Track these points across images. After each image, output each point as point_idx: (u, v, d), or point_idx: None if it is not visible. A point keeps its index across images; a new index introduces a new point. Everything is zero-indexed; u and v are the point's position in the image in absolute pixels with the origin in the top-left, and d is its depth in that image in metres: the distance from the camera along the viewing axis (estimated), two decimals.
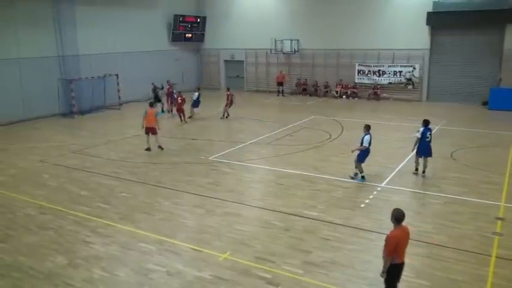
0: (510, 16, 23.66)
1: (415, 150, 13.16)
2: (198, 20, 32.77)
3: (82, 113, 24.01)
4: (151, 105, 16.33)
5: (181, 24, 31.40)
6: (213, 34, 33.33)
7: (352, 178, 12.81)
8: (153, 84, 24.11)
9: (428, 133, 12.99)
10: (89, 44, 24.80)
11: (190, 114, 22.18)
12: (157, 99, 22.87)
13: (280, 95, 30.35)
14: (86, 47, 24.61)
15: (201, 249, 8.82)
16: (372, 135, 12.74)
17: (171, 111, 22.96)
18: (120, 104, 26.18)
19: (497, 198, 11.23)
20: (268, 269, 8.04)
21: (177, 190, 12.22)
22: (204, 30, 33.42)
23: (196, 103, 22.56)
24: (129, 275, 7.95)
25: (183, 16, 31.43)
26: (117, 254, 8.72)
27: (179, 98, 21.16)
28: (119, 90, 26.03)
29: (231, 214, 10.57)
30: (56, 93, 23.47)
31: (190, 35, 32.53)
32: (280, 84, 30.40)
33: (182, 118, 21.30)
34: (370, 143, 12.53)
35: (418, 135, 12.96)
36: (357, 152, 12.68)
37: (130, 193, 12.07)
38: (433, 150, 14.03)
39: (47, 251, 8.89)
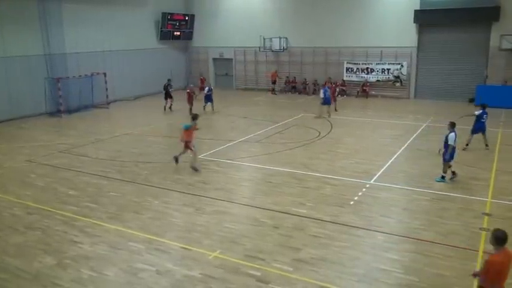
0: (495, 14, 23.92)
1: (471, 129, 15.57)
2: (186, 18, 32.63)
3: (69, 112, 23.79)
4: (192, 117, 14.09)
5: (169, 22, 31.23)
6: (202, 32, 33.22)
7: (443, 177, 12.36)
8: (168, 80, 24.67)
9: (485, 115, 15.31)
10: (76, 42, 24.59)
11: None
12: (168, 95, 23.97)
13: (274, 92, 30.22)
14: (73, 45, 24.40)
15: (191, 247, 8.80)
16: (457, 134, 12.24)
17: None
18: (109, 103, 25.99)
19: (484, 194, 11.37)
20: (258, 266, 8.05)
21: (166, 189, 12.17)
22: (192, 28, 33.30)
23: (327, 100, 21.66)
24: (118, 275, 7.91)
25: (171, 14, 31.26)
26: (105, 253, 8.66)
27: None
28: (107, 89, 25.83)
29: (221, 212, 10.56)
30: (42, 92, 23.21)
31: (178, 33, 32.38)
32: (274, 82, 30.36)
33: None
34: (455, 141, 12.10)
35: (477, 113, 15.43)
36: (443, 151, 12.30)
37: (119, 192, 11.99)
38: (421, 147, 15.89)
39: (35, 251, 8.80)
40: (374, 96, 27.93)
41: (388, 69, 27.50)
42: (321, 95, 21.55)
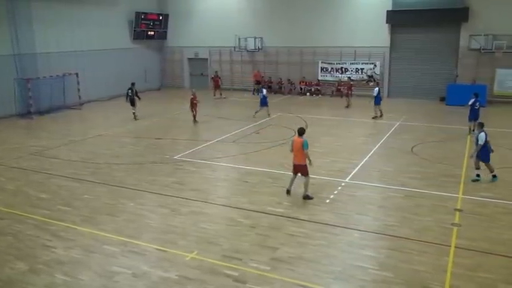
0: (464, 15, 24.55)
1: (468, 117, 17.40)
2: (160, 18, 32.32)
3: (41, 113, 23.26)
4: (300, 132, 11.02)
5: (143, 21, 30.87)
6: (176, 32, 32.96)
7: (475, 180, 12.29)
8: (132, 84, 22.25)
9: (477, 103, 17.23)
10: (47, 41, 24.03)
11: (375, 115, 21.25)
12: (131, 101, 21.75)
13: (256, 93, 30.04)
14: (43, 45, 23.83)
15: (167, 249, 8.71)
16: (488, 135, 12.30)
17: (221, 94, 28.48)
18: (81, 104, 25.51)
19: (456, 191, 11.64)
20: (235, 266, 8.04)
21: (141, 190, 12.02)
22: (166, 28, 32.99)
23: (378, 100, 21.09)
24: (93, 279, 7.76)
25: (145, 13, 30.91)
26: (80, 257, 8.48)
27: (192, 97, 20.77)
28: (79, 90, 25.33)
29: (197, 213, 10.49)
30: (12, 93, 22.57)
31: (152, 33, 32.04)
32: (258, 82, 30.13)
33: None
34: (486, 140, 12.17)
35: (470, 103, 17.26)
36: (475, 153, 12.29)
37: (93, 195, 11.77)
38: (395, 146, 16.20)
39: (6, 257, 8.55)
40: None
41: (362, 69, 27.91)
42: (375, 93, 21.08)
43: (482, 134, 12.21)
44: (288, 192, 11.40)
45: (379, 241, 9.06)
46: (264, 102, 21.56)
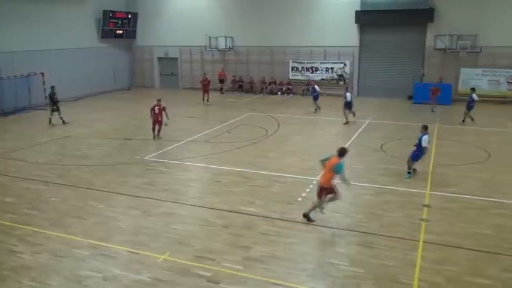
0: (430, 15, 25.21)
1: (466, 107, 19.87)
2: (129, 16, 31.80)
3: (5, 114, 22.52)
4: (340, 153, 9.99)
5: (111, 20, 30.30)
6: (146, 31, 32.50)
7: (409, 173, 12.81)
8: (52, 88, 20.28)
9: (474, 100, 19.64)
10: (10, 40, 23.28)
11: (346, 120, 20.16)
12: (54, 106, 19.93)
13: (221, 92, 30.06)
14: (7, 43, 23.08)
15: (138, 251, 8.59)
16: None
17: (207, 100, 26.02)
18: (47, 104, 24.79)
19: (423, 187, 11.94)
20: (208, 267, 8.00)
21: (111, 192, 11.80)
22: (135, 27, 32.49)
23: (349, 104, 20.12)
24: (61, 284, 7.57)
25: (113, 12, 30.34)
26: (48, 262, 8.26)
27: (156, 107, 17.14)
28: (45, 90, 24.61)
29: (168, 214, 10.39)
30: None
31: (121, 32, 31.49)
32: (221, 81, 30.17)
33: (156, 132, 17.40)
34: (429, 142, 12.57)
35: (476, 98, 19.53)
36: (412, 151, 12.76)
37: (60, 197, 11.48)
38: (364, 144, 16.46)
39: None
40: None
41: (332, 68, 28.26)
42: (348, 98, 20.04)
43: (426, 136, 12.57)
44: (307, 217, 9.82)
45: (350, 238, 9.20)
46: (316, 97, 23.26)
